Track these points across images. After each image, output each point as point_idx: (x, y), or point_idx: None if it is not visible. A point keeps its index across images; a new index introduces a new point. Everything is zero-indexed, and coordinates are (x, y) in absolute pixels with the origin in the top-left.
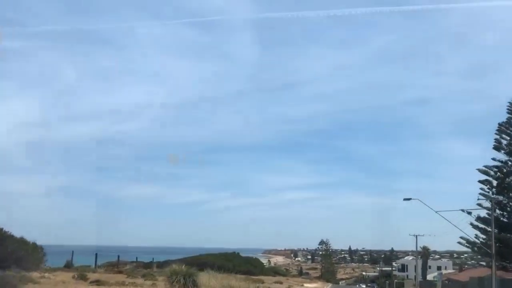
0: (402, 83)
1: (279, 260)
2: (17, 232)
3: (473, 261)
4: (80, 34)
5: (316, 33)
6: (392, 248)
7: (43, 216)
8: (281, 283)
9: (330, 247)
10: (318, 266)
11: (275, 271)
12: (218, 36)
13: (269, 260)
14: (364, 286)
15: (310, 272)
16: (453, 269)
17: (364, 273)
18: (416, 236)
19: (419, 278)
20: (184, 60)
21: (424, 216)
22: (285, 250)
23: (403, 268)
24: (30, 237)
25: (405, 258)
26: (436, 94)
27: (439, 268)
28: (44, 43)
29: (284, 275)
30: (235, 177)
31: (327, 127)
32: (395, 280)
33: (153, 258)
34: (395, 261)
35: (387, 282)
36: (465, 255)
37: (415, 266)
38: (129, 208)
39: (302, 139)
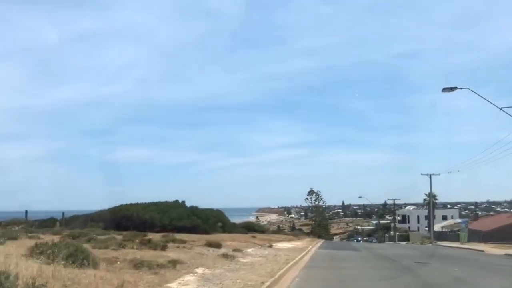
0: (392, 36)
1: (272, 217)
2: None
3: None
4: None
5: None
6: (385, 202)
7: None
8: (239, 250)
9: (321, 197)
10: (311, 222)
11: (249, 227)
12: None
13: (257, 217)
14: (360, 239)
15: (304, 228)
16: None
17: (358, 227)
18: (430, 175)
19: (423, 229)
20: (168, 18)
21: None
22: (278, 208)
23: (404, 219)
24: None
25: (406, 208)
26: (426, 46)
27: (444, 218)
28: (24, 6)
29: (262, 231)
30: (226, 137)
31: (317, 83)
32: (397, 233)
33: (63, 213)
34: (397, 210)
35: (386, 235)
36: None
37: (418, 216)
38: (119, 171)
39: (292, 96)
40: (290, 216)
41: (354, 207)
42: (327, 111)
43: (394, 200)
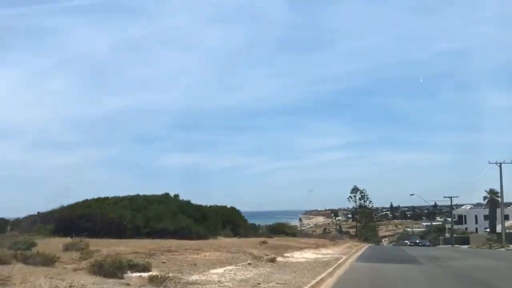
0: (437, 34)
1: (319, 220)
2: None
3: None
4: (111, 5)
5: None
6: (435, 203)
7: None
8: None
9: (367, 196)
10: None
11: (278, 229)
12: None
13: (300, 219)
14: (409, 242)
15: (351, 231)
16: None
17: (408, 229)
18: (500, 164)
19: (482, 230)
20: (216, 26)
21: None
22: (325, 210)
23: (460, 219)
24: None
25: (462, 207)
26: (474, 43)
27: (506, 217)
28: (77, 18)
29: (293, 234)
30: (273, 141)
31: (362, 84)
32: (455, 235)
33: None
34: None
35: (441, 237)
36: None
37: (476, 216)
38: (170, 176)
39: (337, 98)
40: (337, 218)
41: (403, 209)
42: (374, 112)
43: (451, 197)
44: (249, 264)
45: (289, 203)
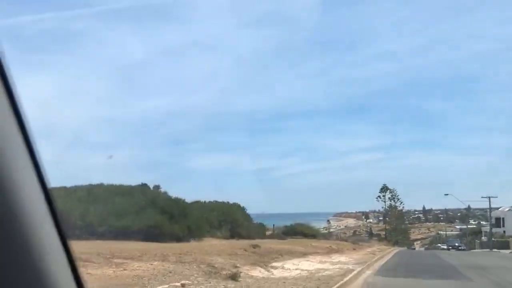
0: (471, 35)
1: (350, 222)
2: None
3: None
4: (143, 9)
5: None
6: (469, 206)
7: None
8: None
9: (397, 197)
10: (388, 227)
11: (295, 230)
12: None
13: (328, 221)
14: (446, 246)
15: (382, 233)
16: None
17: (441, 232)
18: None
19: None
20: (246, 28)
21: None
22: (356, 212)
23: (498, 222)
24: None
25: (500, 209)
26: (507, 44)
27: None
28: (110, 22)
29: (313, 235)
30: (303, 142)
31: (394, 85)
32: (494, 239)
33: None
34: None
35: (477, 241)
36: None
37: None
38: (203, 178)
39: (368, 100)
40: (368, 220)
41: (436, 212)
42: (405, 114)
43: (489, 197)
44: (182, 286)
45: (320, 205)
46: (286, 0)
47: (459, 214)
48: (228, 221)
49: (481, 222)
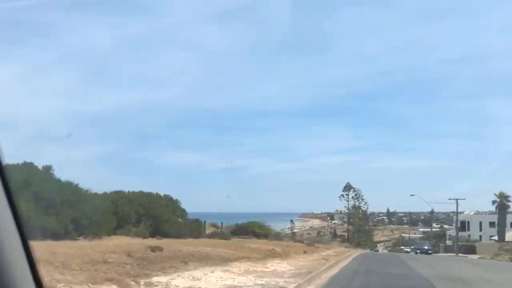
0: (441, 41)
1: (315, 223)
2: None
3: None
4: (113, 2)
5: None
6: (432, 209)
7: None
8: None
9: (362, 197)
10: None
11: (246, 229)
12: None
13: (292, 221)
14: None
15: (346, 234)
16: None
17: (404, 234)
18: None
19: (487, 238)
20: (217, 26)
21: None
22: (321, 213)
23: (463, 226)
24: None
25: (465, 213)
26: (476, 51)
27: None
28: (78, 14)
29: (264, 235)
30: (273, 143)
31: (365, 89)
32: (460, 243)
33: None
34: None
35: (442, 245)
36: None
37: (480, 223)
38: (169, 176)
39: (339, 102)
40: (333, 222)
41: (400, 214)
42: (375, 117)
43: (457, 200)
44: None
45: (288, 205)
46: (259, 0)
47: (422, 217)
48: (150, 216)
49: (444, 226)
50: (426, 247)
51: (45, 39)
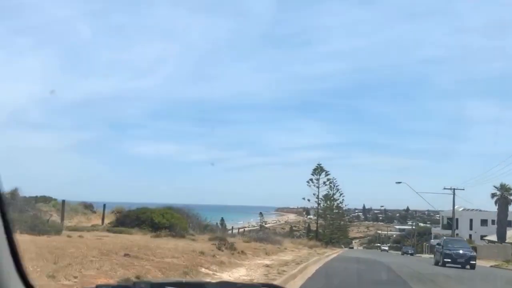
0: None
1: (291, 218)
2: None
3: None
4: None
5: None
6: (407, 207)
7: (59, 171)
8: None
9: (335, 185)
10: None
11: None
12: None
13: (261, 213)
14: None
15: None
16: None
17: (379, 231)
18: None
19: (477, 236)
20: (199, 16)
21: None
22: (297, 208)
23: (450, 223)
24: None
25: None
26: (455, 53)
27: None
28: None
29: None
30: (250, 135)
31: (342, 86)
32: None
33: None
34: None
35: (426, 244)
36: None
37: (471, 220)
38: (143, 166)
39: (317, 98)
40: (308, 216)
41: (375, 211)
42: (352, 114)
43: (454, 189)
44: None
45: (262, 199)
46: None
47: (398, 215)
48: None
49: (427, 223)
50: (410, 251)
51: (23, 23)
